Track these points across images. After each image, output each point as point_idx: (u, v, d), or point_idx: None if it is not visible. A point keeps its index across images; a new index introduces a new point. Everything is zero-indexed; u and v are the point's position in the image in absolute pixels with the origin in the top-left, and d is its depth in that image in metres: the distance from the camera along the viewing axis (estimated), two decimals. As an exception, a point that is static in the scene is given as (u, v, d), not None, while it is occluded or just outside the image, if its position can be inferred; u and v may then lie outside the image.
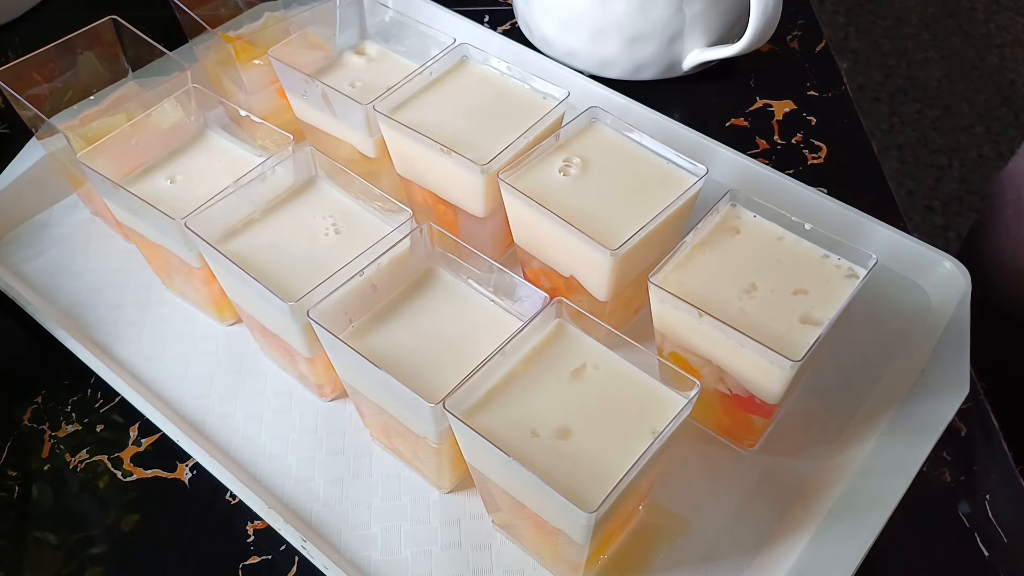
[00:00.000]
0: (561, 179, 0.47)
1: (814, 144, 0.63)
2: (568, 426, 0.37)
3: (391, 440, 0.45)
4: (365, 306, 0.42)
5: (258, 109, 0.56)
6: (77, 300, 0.54)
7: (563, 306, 0.40)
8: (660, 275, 0.42)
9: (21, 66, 0.52)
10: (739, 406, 0.43)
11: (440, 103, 0.51)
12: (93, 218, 0.59)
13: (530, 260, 0.50)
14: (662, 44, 0.64)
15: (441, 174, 0.50)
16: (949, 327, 0.49)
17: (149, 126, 0.50)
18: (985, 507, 0.45)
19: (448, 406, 0.37)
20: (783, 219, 0.45)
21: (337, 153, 0.55)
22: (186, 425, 0.48)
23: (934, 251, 0.52)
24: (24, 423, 0.49)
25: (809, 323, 0.41)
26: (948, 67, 1.74)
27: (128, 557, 0.44)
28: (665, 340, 0.44)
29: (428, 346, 0.41)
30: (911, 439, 0.44)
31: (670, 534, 0.43)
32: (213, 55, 0.58)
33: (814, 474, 0.45)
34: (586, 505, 0.34)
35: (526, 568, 0.43)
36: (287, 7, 0.61)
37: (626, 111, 0.59)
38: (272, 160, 0.47)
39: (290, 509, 0.45)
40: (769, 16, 0.60)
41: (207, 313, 0.53)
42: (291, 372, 0.50)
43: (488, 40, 0.65)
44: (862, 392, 0.48)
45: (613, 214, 0.45)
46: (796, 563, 0.41)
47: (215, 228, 0.45)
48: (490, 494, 0.41)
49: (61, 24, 0.57)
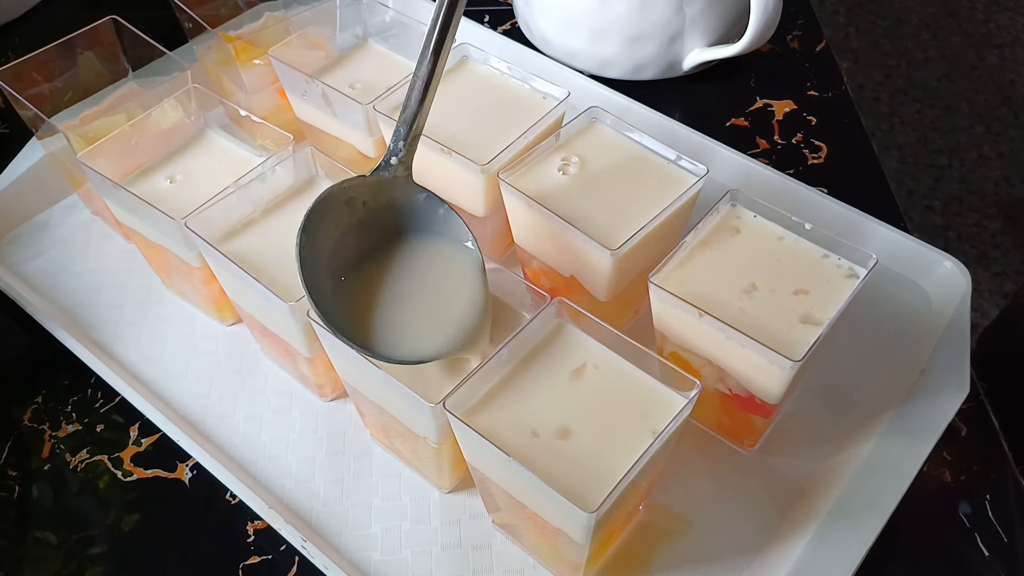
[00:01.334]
0: (561, 179, 0.47)
1: (814, 144, 0.63)
2: (568, 426, 0.37)
3: (391, 440, 0.45)
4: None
5: (258, 109, 0.56)
6: (77, 300, 0.54)
7: (563, 306, 0.40)
8: (660, 275, 0.42)
9: (21, 66, 0.52)
10: (739, 406, 0.43)
11: (440, 103, 0.51)
12: (93, 218, 0.59)
13: (530, 260, 0.50)
14: (662, 44, 0.64)
15: (441, 174, 0.50)
16: (949, 327, 0.49)
17: (149, 126, 0.50)
18: (985, 507, 0.45)
19: (448, 406, 0.37)
20: (783, 219, 0.45)
21: (337, 153, 0.55)
22: (186, 425, 0.48)
23: (934, 251, 0.52)
24: (24, 423, 0.49)
25: (809, 323, 0.41)
26: (948, 67, 1.74)
27: (128, 557, 0.44)
28: (665, 340, 0.44)
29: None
30: (911, 439, 0.44)
31: (670, 534, 0.43)
32: (213, 55, 0.58)
33: (814, 474, 0.45)
34: (586, 505, 0.34)
35: (526, 568, 0.43)
36: (287, 7, 0.61)
37: (626, 111, 0.59)
38: (272, 160, 0.47)
39: (290, 509, 0.45)
40: (769, 16, 0.60)
41: (207, 313, 0.53)
42: (291, 372, 0.50)
43: (488, 40, 0.65)
44: (862, 392, 0.48)
45: (613, 214, 0.45)
46: (796, 563, 0.41)
47: (215, 228, 0.45)
48: (490, 494, 0.41)
49: (61, 24, 0.57)
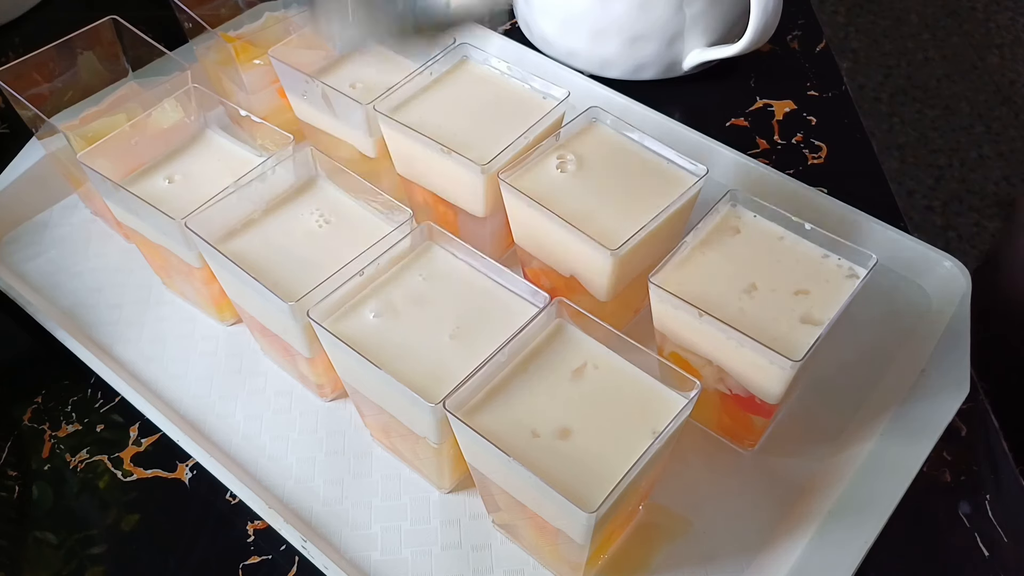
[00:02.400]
0: (561, 179, 0.47)
1: (814, 144, 0.63)
2: (568, 426, 0.37)
3: (391, 440, 0.45)
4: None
5: (258, 109, 0.56)
6: (77, 300, 0.54)
7: (563, 306, 0.40)
8: (660, 275, 0.42)
9: (21, 66, 0.52)
10: (739, 406, 0.43)
11: (440, 103, 0.51)
12: (93, 218, 0.59)
13: (530, 260, 0.50)
14: (662, 44, 0.64)
15: (441, 174, 0.50)
16: (949, 327, 0.49)
17: (149, 126, 0.50)
18: (985, 507, 0.45)
19: (448, 406, 0.37)
20: (783, 219, 0.45)
21: (337, 153, 0.55)
22: (186, 425, 0.48)
23: (934, 251, 0.52)
24: (24, 423, 0.49)
25: (809, 323, 0.41)
26: (948, 67, 1.74)
27: (128, 557, 0.44)
28: (665, 340, 0.44)
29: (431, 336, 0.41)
30: (911, 439, 0.44)
31: (670, 534, 0.43)
32: (213, 55, 0.58)
33: (814, 474, 0.45)
34: (586, 505, 0.34)
35: (526, 568, 0.43)
36: (287, 7, 0.61)
37: (626, 111, 0.59)
38: (272, 160, 0.47)
39: (290, 509, 0.45)
40: (769, 16, 0.60)
41: (207, 313, 0.53)
42: (291, 372, 0.50)
43: (488, 40, 0.65)
44: (862, 392, 0.48)
45: (613, 214, 0.45)
46: (796, 563, 0.41)
47: (215, 228, 0.45)
48: (490, 494, 0.41)
49: (61, 24, 0.57)
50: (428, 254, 0.44)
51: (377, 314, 0.42)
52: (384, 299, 0.42)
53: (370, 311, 0.42)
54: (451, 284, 0.43)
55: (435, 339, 0.41)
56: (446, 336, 0.41)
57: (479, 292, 0.43)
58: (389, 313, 0.42)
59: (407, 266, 0.44)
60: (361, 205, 0.47)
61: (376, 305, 0.42)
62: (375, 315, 0.42)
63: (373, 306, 0.42)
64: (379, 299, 0.42)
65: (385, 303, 0.42)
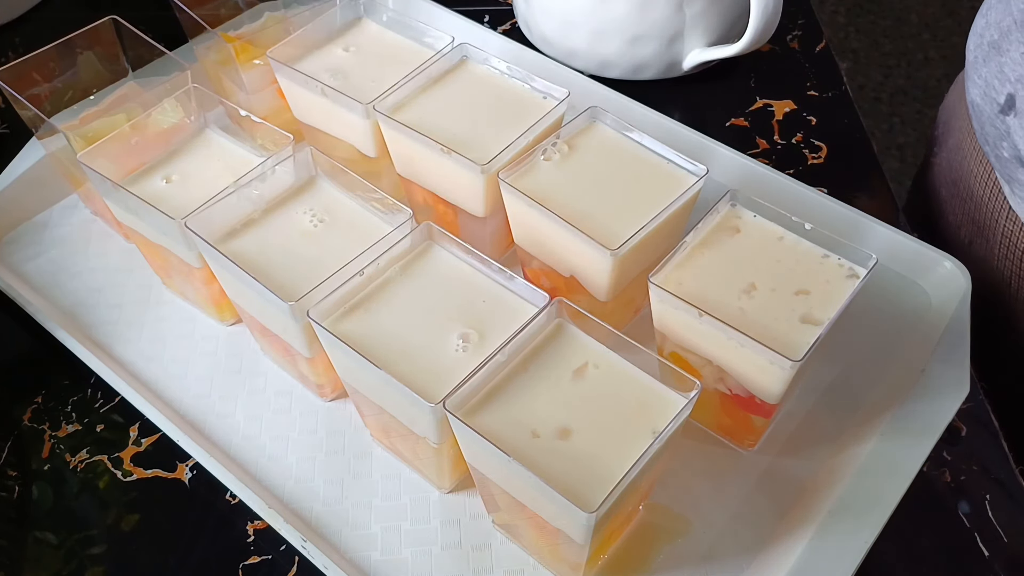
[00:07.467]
0: (561, 178, 0.47)
1: (814, 144, 0.63)
2: (568, 426, 0.37)
3: (391, 440, 0.45)
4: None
5: (258, 109, 0.56)
6: (77, 300, 0.54)
7: (563, 306, 0.40)
8: (660, 275, 0.42)
9: (21, 66, 0.52)
10: (739, 406, 0.43)
11: (440, 103, 0.51)
12: (93, 218, 0.59)
13: (530, 260, 0.50)
14: (662, 44, 0.64)
15: (441, 174, 0.50)
16: (949, 327, 0.49)
17: (149, 126, 0.50)
18: (985, 507, 0.45)
19: (448, 406, 0.37)
20: (783, 219, 0.45)
21: (337, 153, 0.55)
22: (186, 425, 0.48)
23: (934, 251, 0.52)
24: (24, 423, 0.49)
25: (809, 323, 0.41)
26: (948, 67, 1.74)
27: (128, 557, 0.44)
28: (665, 340, 0.44)
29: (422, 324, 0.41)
30: (911, 439, 0.44)
31: (670, 534, 0.43)
32: (213, 55, 0.58)
33: (814, 474, 0.45)
34: (586, 505, 0.34)
35: (526, 568, 0.43)
36: (287, 7, 0.61)
37: (626, 111, 0.59)
38: (272, 160, 0.47)
39: (290, 509, 0.45)
40: (769, 16, 0.60)
41: (207, 313, 0.53)
42: (291, 372, 0.50)
43: (488, 40, 0.65)
44: (862, 392, 0.48)
45: (613, 214, 0.45)
46: (796, 563, 0.41)
47: (215, 228, 0.45)
48: (490, 494, 0.41)
49: (61, 24, 0.57)
50: (428, 254, 0.44)
51: (377, 314, 0.42)
52: (384, 299, 0.42)
53: (370, 311, 0.42)
54: (451, 284, 0.43)
55: (435, 339, 0.41)
56: (446, 336, 0.41)
57: (479, 292, 0.43)
58: (389, 313, 0.42)
59: (407, 266, 0.44)
60: (361, 205, 0.47)
61: (376, 305, 0.42)
62: (375, 315, 0.42)
63: (373, 306, 0.42)
64: (379, 299, 0.42)
65: (385, 303, 0.42)
